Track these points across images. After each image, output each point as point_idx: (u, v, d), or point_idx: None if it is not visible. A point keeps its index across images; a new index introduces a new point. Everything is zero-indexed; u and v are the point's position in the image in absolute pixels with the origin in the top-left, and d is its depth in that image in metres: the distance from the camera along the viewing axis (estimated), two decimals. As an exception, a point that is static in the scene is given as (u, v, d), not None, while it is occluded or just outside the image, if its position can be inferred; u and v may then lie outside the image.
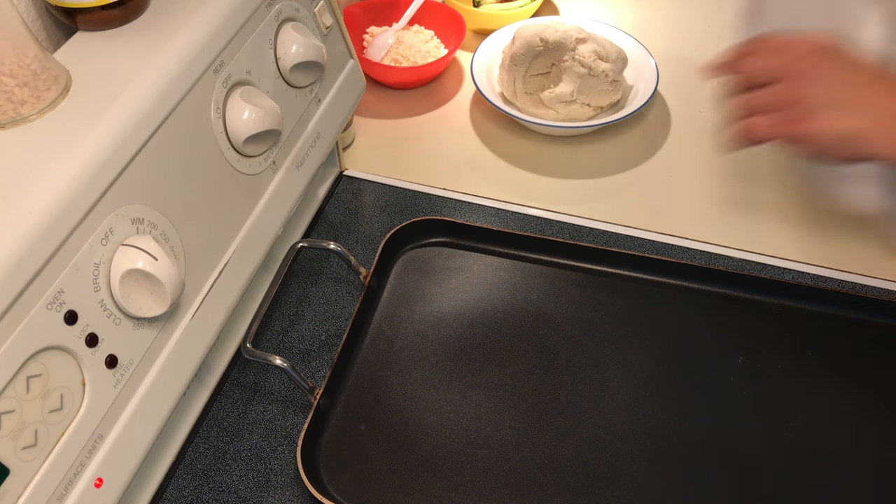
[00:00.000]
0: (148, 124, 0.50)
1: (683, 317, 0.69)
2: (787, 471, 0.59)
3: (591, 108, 0.84)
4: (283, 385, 0.66)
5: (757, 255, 0.74)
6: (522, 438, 0.61)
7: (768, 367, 0.65)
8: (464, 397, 0.64)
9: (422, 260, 0.74)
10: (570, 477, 0.59)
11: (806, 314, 0.68)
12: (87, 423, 0.46)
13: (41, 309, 0.42)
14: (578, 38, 0.83)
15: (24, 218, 0.42)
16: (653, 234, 0.76)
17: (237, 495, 0.59)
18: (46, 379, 0.44)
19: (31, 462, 0.43)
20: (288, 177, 0.65)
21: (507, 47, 0.86)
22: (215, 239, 0.57)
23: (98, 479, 0.47)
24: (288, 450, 0.62)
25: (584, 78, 0.82)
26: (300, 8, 0.64)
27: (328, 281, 0.73)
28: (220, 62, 0.56)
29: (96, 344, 0.46)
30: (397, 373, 0.65)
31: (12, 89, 0.46)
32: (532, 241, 0.73)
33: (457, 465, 0.60)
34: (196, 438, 0.62)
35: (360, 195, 0.81)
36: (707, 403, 0.63)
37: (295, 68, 0.62)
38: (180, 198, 0.53)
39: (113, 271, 0.47)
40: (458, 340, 0.67)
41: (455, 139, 0.88)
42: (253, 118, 0.57)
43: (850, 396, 0.63)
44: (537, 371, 0.65)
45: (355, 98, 0.75)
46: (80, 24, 0.54)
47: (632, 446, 0.61)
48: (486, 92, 0.85)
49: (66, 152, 0.46)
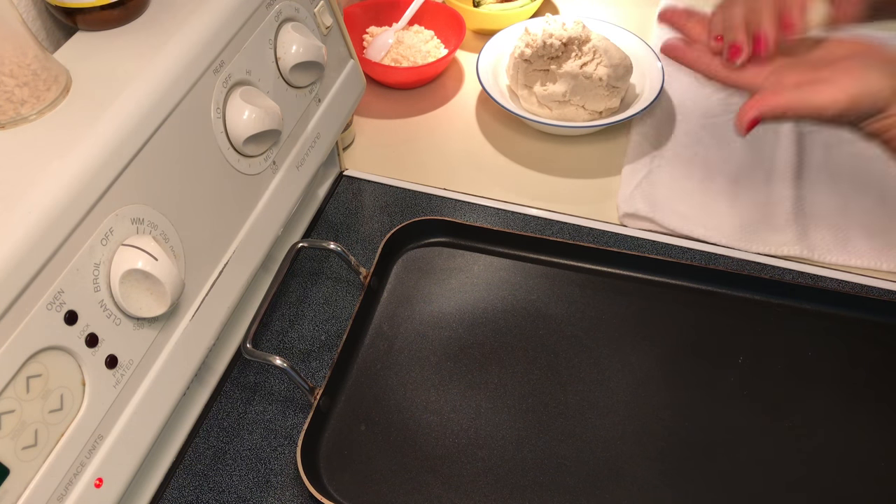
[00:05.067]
0: (148, 124, 0.50)
1: (683, 317, 0.69)
2: (787, 471, 0.59)
3: (587, 111, 0.84)
4: (283, 385, 0.66)
5: (757, 255, 0.74)
6: (522, 438, 0.61)
7: (768, 367, 0.65)
8: (464, 397, 0.64)
9: (422, 260, 0.74)
10: (570, 477, 0.59)
11: (806, 314, 0.68)
12: (87, 423, 0.46)
13: (41, 309, 0.42)
14: (582, 39, 0.83)
15: (24, 218, 0.42)
16: (653, 234, 0.76)
17: (237, 495, 0.59)
18: (46, 379, 0.44)
19: (31, 462, 0.43)
20: (288, 177, 0.65)
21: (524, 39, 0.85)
22: (215, 239, 0.57)
23: (98, 479, 0.47)
24: (288, 450, 0.62)
25: (578, 80, 0.82)
26: (300, 8, 0.64)
27: (328, 281, 0.73)
28: (220, 62, 0.56)
29: (96, 344, 0.46)
30: (397, 373, 0.65)
31: (12, 89, 0.46)
32: (532, 241, 0.73)
33: (457, 465, 0.60)
34: (196, 438, 0.62)
35: (360, 195, 0.81)
36: (707, 403, 0.63)
37: (295, 68, 0.62)
38: (180, 198, 0.53)
39: (113, 271, 0.47)
40: (458, 340, 0.67)
41: (455, 139, 0.88)
42: (253, 118, 0.57)
43: (850, 396, 0.63)
44: (537, 371, 0.65)
45: (355, 98, 0.75)
46: (80, 24, 0.54)
47: (632, 446, 0.61)
48: (490, 90, 0.85)
49: (66, 152, 0.46)
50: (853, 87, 0.52)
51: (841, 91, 0.52)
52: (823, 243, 0.74)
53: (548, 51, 0.83)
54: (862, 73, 0.52)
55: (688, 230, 0.75)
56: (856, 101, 0.52)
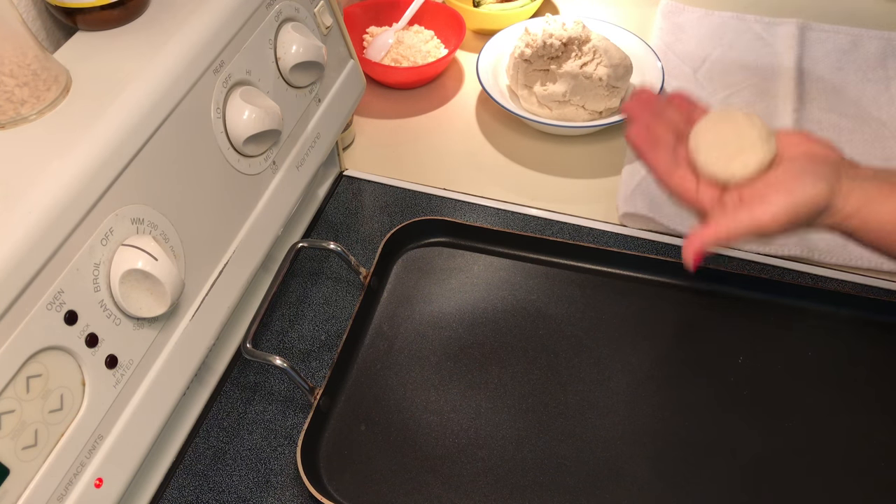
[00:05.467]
0: (148, 124, 0.50)
1: (684, 317, 0.69)
2: (786, 471, 0.59)
3: (587, 111, 0.84)
4: (283, 385, 0.66)
5: (757, 255, 0.74)
6: (522, 438, 0.61)
7: (768, 367, 0.65)
8: (464, 397, 0.64)
9: (422, 260, 0.74)
10: (570, 477, 0.59)
11: (806, 314, 0.68)
12: (87, 423, 0.46)
13: (41, 309, 0.42)
14: (582, 39, 0.83)
15: (24, 218, 0.42)
16: (653, 234, 0.76)
17: (237, 495, 0.59)
18: (46, 379, 0.44)
19: (31, 462, 0.43)
20: (288, 177, 0.65)
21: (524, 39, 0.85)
22: (215, 239, 0.57)
23: (98, 479, 0.47)
24: (288, 450, 0.62)
25: (578, 80, 0.82)
26: (300, 8, 0.64)
27: (328, 281, 0.73)
28: (220, 62, 0.56)
29: (96, 344, 0.46)
30: (397, 373, 0.65)
31: (12, 89, 0.46)
32: (532, 241, 0.73)
33: (457, 465, 0.60)
34: (196, 438, 0.62)
35: (360, 195, 0.81)
36: (707, 403, 0.63)
37: (295, 68, 0.62)
38: (180, 198, 0.53)
39: (113, 271, 0.47)
40: (458, 340, 0.67)
41: (455, 139, 0.88)
42: (253, 118, 0.57)
43: (851, 396, 0.63)
44: (537, 371, 0.65)
45: (355, 98, 0.75)
46: (80, 24, 0.54)
47: (632, 446, 0.61)
48: (490, 90, 0.85)
49: (66, 152, 0.46)
50: (789, 201, 0.49)
51: (777, 207, 0.49)
52: (823, 243, 0.74)
53: (548, 51, 0.83)
54: (795, 183, 0.50)
55: (688, 230, 0.75)
56: (795, 212, 0.49)
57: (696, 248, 0.52)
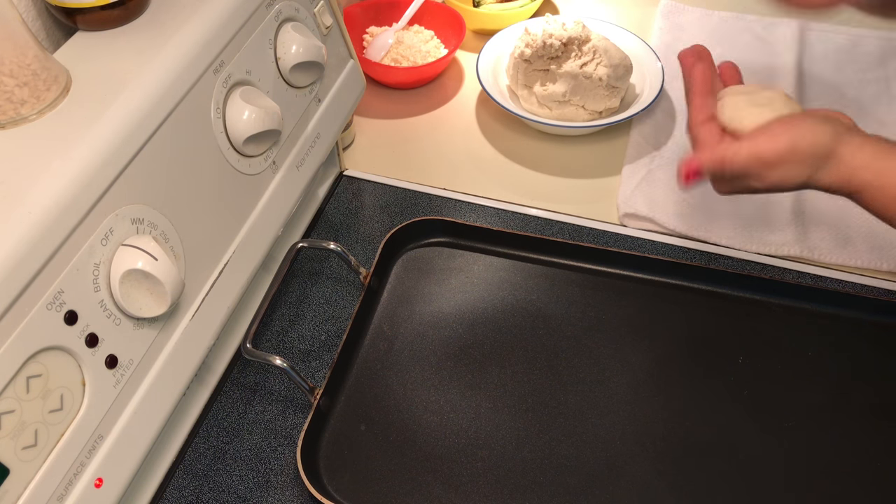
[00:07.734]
0: (148, 124, 0.50)
1: (683, 317, 0.69)
2: (786, 471, 0.59)
3: (587, 111, 0.84)
4: (283, 385, 0.66)
5: (757, 255, 0.74)
6: (522, 438, 0.61)
7: (768, 367, 0.65)
8: (464, 397, 0.64)
9: (422, 260, 0.74)
10: (570, 477, 0.59)
11: (806, 314, 0.68)
12: (87, 423, 0.46)
13: (41, 309, 0.42)
14: (582, 39, 0.83)
15: (24, 218, 0.42)
16: (653, 234, 0.76)
17: (237, 495, 0.59)
18: (46, 379, 0.44)
19: (31, 462, 0.43)
20: (288, 177, 0.65)
21: (524, 39, 0.85)
22: (215, 239, 0.57)
23: (98, 479, 0.47)
24: (288, 450, 0.62)
25: (578, 80, 0.82)
26: (300, 8, 0.64)
27: (328, 281, 0.73)
28: (220, 62, 0.56)
29: (96, 344, 0.46)
30: (397, 373, 0.65)
31: (12, 89, 0.46)
32: (532, 241, 0.73)
33: (457, 465, 0.60)
34: (196, 438, 0.62)
35: (360, 195, 0.81)
36: (707, 403, 0.63)
37: (295, 68, 0.62)
38: (180, 198, 0.53)
39: (113, 271, 0.47)
40: (458, 340, 0.67)
41: (455, 139, 0.88)
42: (253, 118, 0.57)
43: (851, 396, 0.63)
44: (537, 371, 0.65)
45: (355, 98, 0.75)
46: (80, 24, 0.54)
47: (632, 446, 0.61)
48: (490, 90, 0.85)
49: (66, 152, 0.46)
50: (790, 132, 0.52)
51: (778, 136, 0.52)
52: (823, 243, 0.74)
53: (548, 51, 0.83)
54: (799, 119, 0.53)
55: (687, 230, 0.75)
56: (795, 144, 0.51)
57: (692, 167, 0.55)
